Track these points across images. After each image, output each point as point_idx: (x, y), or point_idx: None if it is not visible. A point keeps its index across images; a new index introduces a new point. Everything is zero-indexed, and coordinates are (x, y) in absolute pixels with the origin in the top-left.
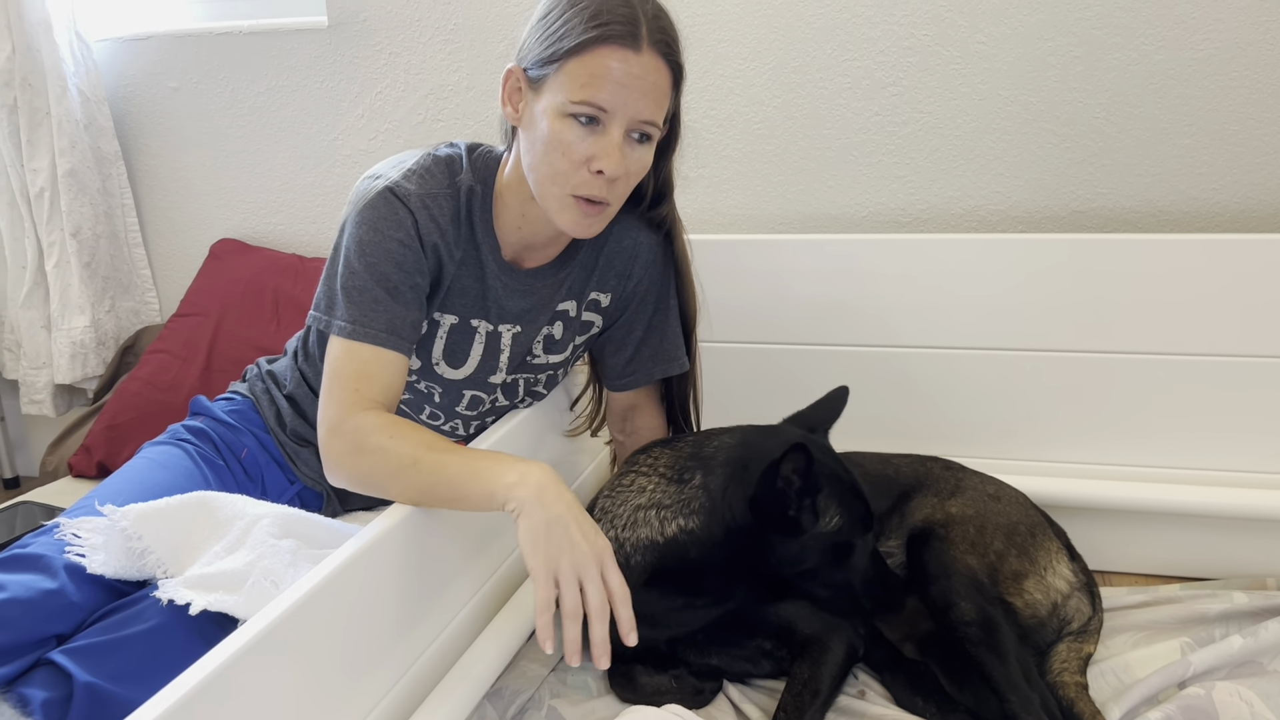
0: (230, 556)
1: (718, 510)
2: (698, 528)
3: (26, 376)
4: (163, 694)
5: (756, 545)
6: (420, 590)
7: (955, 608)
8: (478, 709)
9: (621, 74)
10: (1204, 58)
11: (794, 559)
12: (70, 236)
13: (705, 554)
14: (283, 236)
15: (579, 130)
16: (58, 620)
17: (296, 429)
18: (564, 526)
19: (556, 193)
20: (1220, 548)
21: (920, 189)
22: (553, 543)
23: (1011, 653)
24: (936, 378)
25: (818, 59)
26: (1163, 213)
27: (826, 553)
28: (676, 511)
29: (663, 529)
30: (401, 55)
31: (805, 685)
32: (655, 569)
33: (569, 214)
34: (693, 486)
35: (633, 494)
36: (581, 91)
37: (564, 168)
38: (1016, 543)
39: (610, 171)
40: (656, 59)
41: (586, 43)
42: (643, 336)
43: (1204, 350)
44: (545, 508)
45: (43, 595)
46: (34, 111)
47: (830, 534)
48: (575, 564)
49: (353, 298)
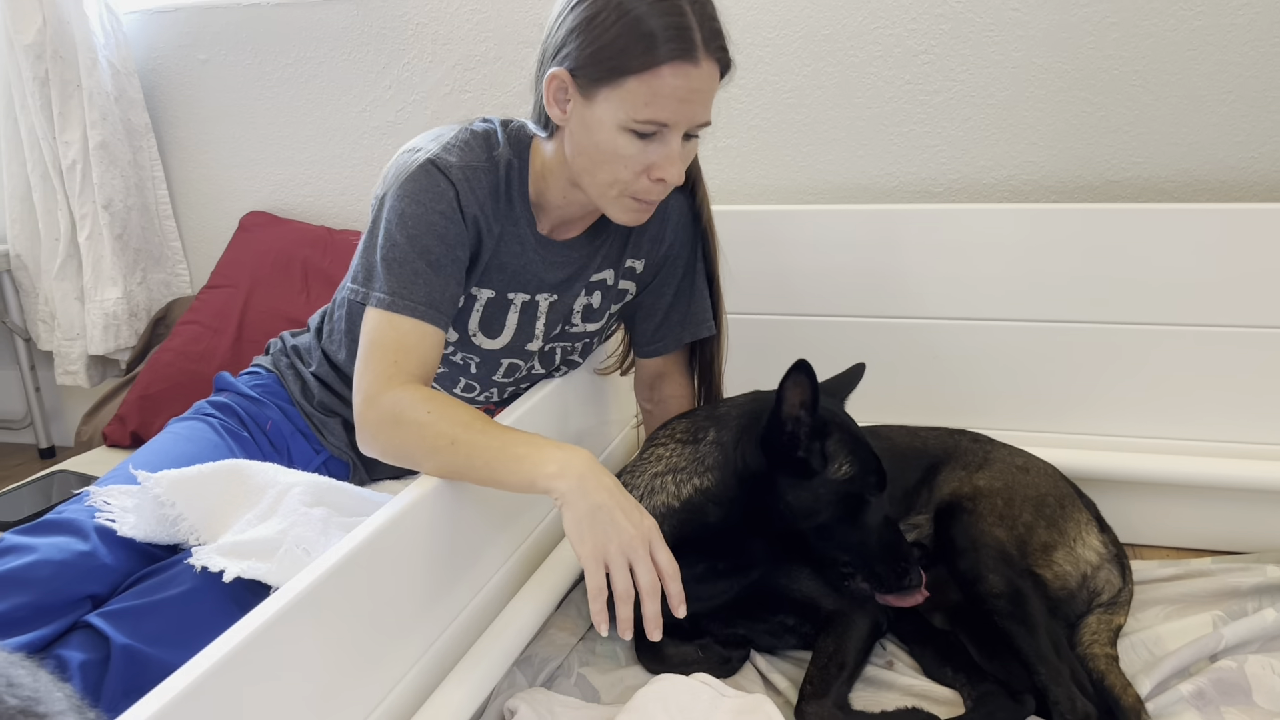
0: (262, 524)
1: (730, 461)
2: (713, 484)
3: (61, 347)
4: (200, 657)
5: (771, 495)
6: (451, 558)
7: (984, 580)
8: (508, 675)
9: (684, 90)
10: (1244, 24)
11: (807, 509)
12: (102, 209)
13: (722, 513)
14: (311, 208)
15: (639, 144)
16: (91, 581)
17: (324, 400)
18: (608, 513)
19: (613, 194)
20: (1252, 521)
21: (952, 159)
22: (599, 530)
23: (1041, 625)
24: (967, 349)
25: (848, 27)
26: (1199, 182)
27: (839, 504)
28: (691, 472)
29: (679, 491)
30: (429, 26)
31: (831, 658)
32: (675, 537)
33: (627, 212)
34: (706, 443)
35: (650, 463)
36: (645, 111)
37: (624, 176)
38: (1045, 514)
39: (672, 180)
40: (713, 64)
41: (650, 61)
42: (671, 301)
43: (1238, 321)
44: (587, 496)
45: (76, 556)
46: (65, 84)
47: (841, 482)
48: (623, 547)
49: (393, 269)
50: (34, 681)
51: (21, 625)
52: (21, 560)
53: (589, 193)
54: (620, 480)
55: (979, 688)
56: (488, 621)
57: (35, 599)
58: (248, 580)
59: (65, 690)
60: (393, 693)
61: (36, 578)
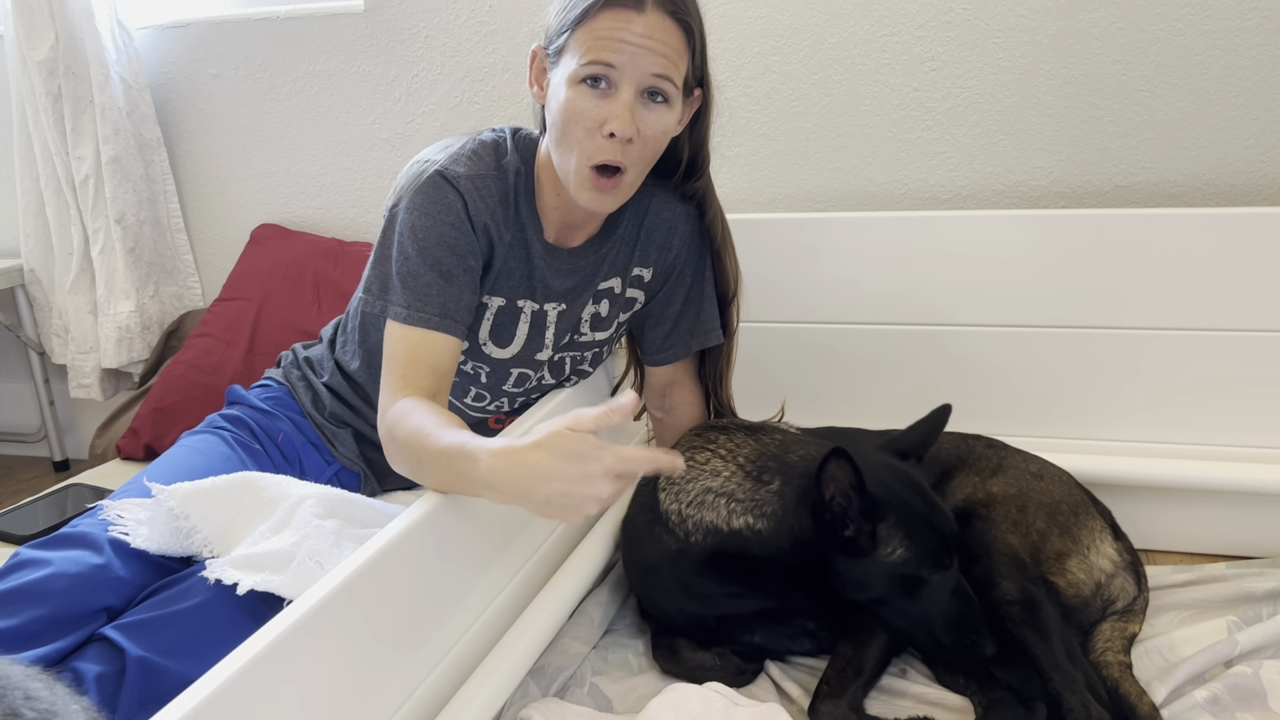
0: (276, 537)
1: (787, 519)
2: (765, 531)
3: (74, 361)
4: (216, 669)
5: (821, 563)
6: (463, 570)
7: (997, 587)
8: (521, 686)
9: (626, 34)
10: (1251, 27)
11: (858, 583)
12: (115, 223)
13: (769, 556)
14: (322, 221)
15: (591, 96)
16: (106, 594)
17: (335, 411)
18: (526, 469)
19: (574, 165)
20: (1267, 525)
21: (960, 165)
22: (568, 511)
23: (1054, 632)
24: (978, 355)
25: (855, 34)
26: (1209, 186)
27: (894, 583)
28: (747, 509)
29: (729, 520)
30: (437, 38)
31: (849, 662)
32: (715, 553)
33: (585, 190)
34: (769, 490)
35: (705, 474)
36: (588, 53)
37: (579, 135)
38: (1059, 522)
39: (621, 132)
40: (662, 17)
41: (591, 8)
42: (680, 309)
43: (1250, 326)
44: (517, 460)
45: (90, 570)
46: (78, 100)
47: (895, 564)
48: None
49: (407, 283)
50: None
51: (38, 638)
52: (37, 574)
53: (560, 173)
54: (666, 479)
55: (990, 695)
56: (501, 632)
57: (51, 612)
58: (261, 592)
59: (82, 703)
60: (407, 704)
61: (52, 591)
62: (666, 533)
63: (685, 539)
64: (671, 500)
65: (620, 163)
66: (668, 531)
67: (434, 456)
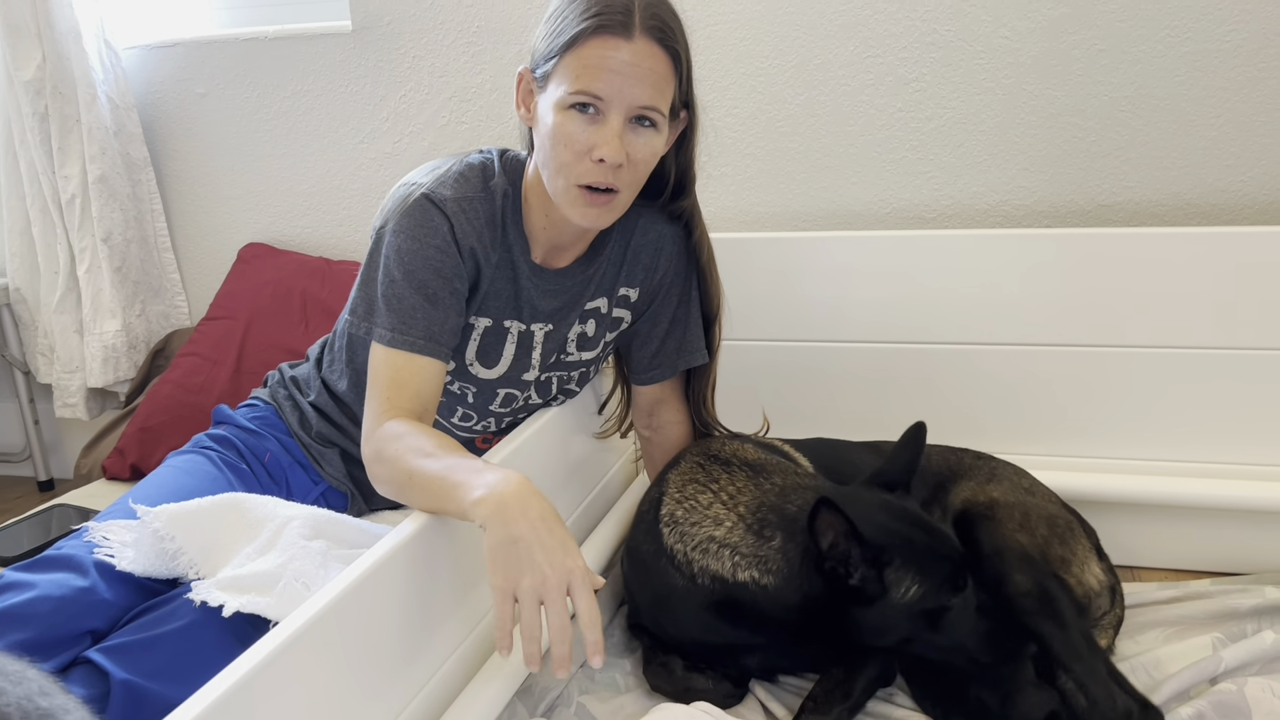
0: (262, 558)
1: (794, 579)
2: (772, 587)
3: (60, 380)
4: (201, 693)
5: (838, 617)
6: (449, 591)
7: (1010, 580)
8: (508, 707)
9: (615, 62)
10: (1231, 48)
11: (877, 630)
12: (101, 242)
13: (777, 611)
14: (310, 240)
15: (580, 121)
16: (91, 617)
17: (322, 431)
18: (525, 547)
19: (563, 185)
20: (1251, 542)
21: (944, 185)
22: (511, 563)
23: (1071, 621)
24: (962, 374)
25: (840, 55)
26: (1190, 205)
27: (916, 621)
28: (751, 563)
29: (734, 573)
30: (425, 59)
31: (839, 685)
32: (724, 599)
33: (577, 207)
34: (772, 547)
35: (707, 522)
36: (577, 82)
37: (568, 159)
38: (1058, 533)
39: (610, 159)
40: (651, 45)
41: (580, 34)
42: (667, 329)
43: (1230, 344)
44: (507, 525)
45: (75, 592)
46: (64, 119)
47: (912, 603)
48: (535, 586)
49: (392, 306)
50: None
51: None
52: (21, 597)
53: (550, 191)
54: (665, 504)
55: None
56: (488, 652)
57: (35, 635)
58: (248, 614)
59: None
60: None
61: (36, 614)
62: (673, 569)
63: (692, 580)
64: (676, 540)
65: (611, 184)
66: (674, 568)
67: (436, 465)
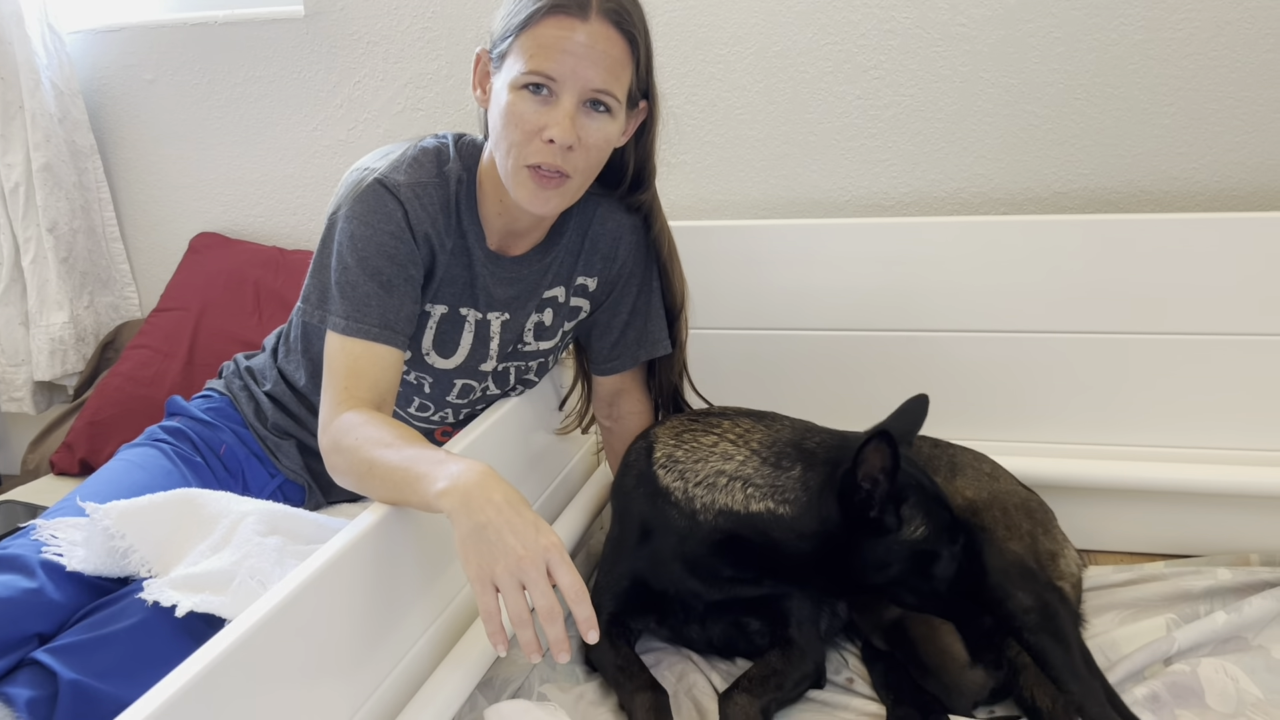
0: (216, 555)
1: (814, 506)
2: (788, 515)
3: (5, 374)
4: (152, 693)
5: (845, 548)
6: (408, 584)
7: (1012, 597)
8: (469, 700)
9: (569, 43)
10: (1183, 37)
11: (880, 564)
12: (47, 232)
13: (790, 541)
14: (263, 229)
15: (532, 102)
16: (38, 619)
17: (278, 422)
18: (495, 531)
19: (513, 165)
20: (1204, 524)
21: (903, 172)
22: (483, 550)
23: (1073, 639)
24: (918, 360)
25: (799, 43)
26: (1144, 192)
27: (912, 559)
28: (767, 494)
29: (747, 503)
30: (380, 44)
31: (774, 672)
32: (730, 535)
33: (525, 188)
34: (790, 476)
35: (715, 457)
36: (530, 62)
37: (518, 139)
38: (1039, 520)
39: (560, 139)
40: (607, 27)
41: (535, 14)
42: (627, 320)
43: (1185, 329)
44: (473, 514)
45: (21, 594)
46: (7, 105)
47: (916, 542)
48: (511, 569)
49: (346, 293)
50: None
51: None
52: None
53: (501, 173)
54: (658, 446)
55: (896, 710)
56: (449, 645)
57: None
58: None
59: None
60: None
61: None
62: (672, 508)
63: (693, 517)
64: (675, 479)
65: (561, 168)
66: (673, 507)
67: (397, 455)
